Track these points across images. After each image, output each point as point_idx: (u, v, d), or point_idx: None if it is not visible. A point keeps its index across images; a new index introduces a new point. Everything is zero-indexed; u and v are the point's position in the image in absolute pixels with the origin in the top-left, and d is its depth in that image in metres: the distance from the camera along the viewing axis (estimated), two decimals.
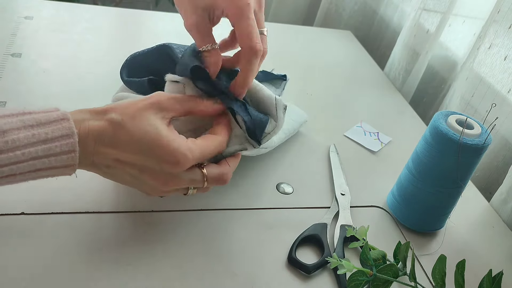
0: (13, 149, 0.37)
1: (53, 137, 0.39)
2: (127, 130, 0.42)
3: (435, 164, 0.54)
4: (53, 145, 0.39)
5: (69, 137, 0.40)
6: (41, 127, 0.39)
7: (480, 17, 0.79)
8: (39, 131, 0.39)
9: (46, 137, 0.39)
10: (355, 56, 1.01)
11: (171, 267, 0.48)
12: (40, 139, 0.38)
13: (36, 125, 0.39)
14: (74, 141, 0.40)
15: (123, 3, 1.68)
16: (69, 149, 0.40)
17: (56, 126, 0.39)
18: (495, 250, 0.60)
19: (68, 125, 0.40)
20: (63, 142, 0.39)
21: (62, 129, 0.39)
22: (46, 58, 0.74)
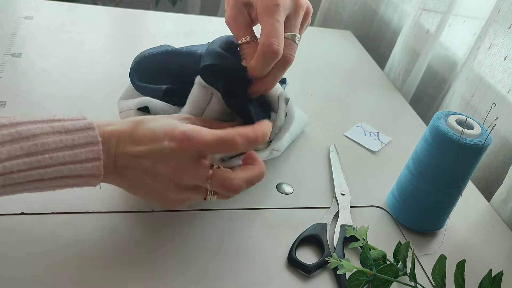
0: (42, 152, 0.39)
1: (79, 143, 0.41)
2: (146, 124, 0.44)
3: (435, 164, 0.54)
4: (79, 151, 0.40)
5: (94, 144, 0.41)
6: (69, 133, 0.41)
7: (480, 17, 0.79)
8: (67, 137, 0.40)
9: (72, 143, 0.40)
10: (355, 56, 1.01)
11: (171, 267, 0.48)
12: (67, 145, 0.40)
13: (64, 131, 0.40)
14: (98, 148, 0.41)
15: (123, 3, 1.68)
16: (93, 157, 0.41)
17: (82, 134, 0.41)
18: (495, 250, 0.60)
19: (93, 133, 0.41)
20: (88, 149, 0.41)
21: (88, 137, 0.41)
22: (46, 58, 0.74)
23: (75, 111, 0.65)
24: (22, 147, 0.38)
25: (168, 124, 0.43)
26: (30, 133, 0.39)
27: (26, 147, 0.38)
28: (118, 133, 0.43)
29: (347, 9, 1.19)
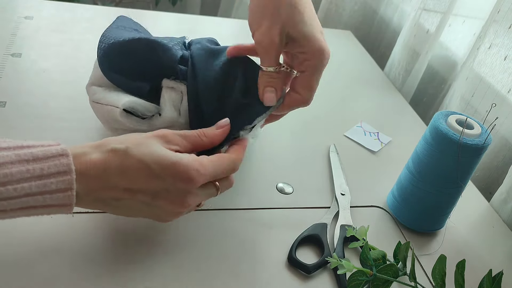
0: (5, 183, 0.35)
1: (49, 173, 0.37)
2: (134, 156, 0.41)
3: (435, 164, 0.54)
4: (48, 181, 0.37)
5: (66, 174, 0.38)
6: (37, 162, 0.37)
7: (480, 17, 0.79)
8: (35, 166, 0.37)
9: (41, 172, 0.37)
10: (355, 56, 1.01)
11: (171, 267, 0.48)
12: (35, 175, 0.37)
13: (32, 159, 0.37)
14: (71, 178, 0.38)
15: (123, 3, 1.68)
16: (65, 187, 0.38)
17: (53, 162, 0.37)
18: (495, 250, 0.60)
19: (66, 161, 0.38)
20: (60, 179, 0.37)
21: (60, 165, 0.38)
22: (46, 58, 0.74)
23: (75, 111, 0.65)
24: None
25: (162, 156, 0.41)
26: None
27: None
28: (102, 165, 0.40)
29: (347, 9, 1.19)
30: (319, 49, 0.50)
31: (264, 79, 0.51)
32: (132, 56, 0.54)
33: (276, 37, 0.48)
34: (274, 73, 0.50)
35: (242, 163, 0.63)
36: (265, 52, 0.50)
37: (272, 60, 0.50)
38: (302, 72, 0.51)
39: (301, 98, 0.52)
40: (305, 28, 0.49)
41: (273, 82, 0.51)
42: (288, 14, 0.48)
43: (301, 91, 0.52)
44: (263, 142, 0.68)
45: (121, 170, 0.40)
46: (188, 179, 0.42)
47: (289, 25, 0.49)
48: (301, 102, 0.53)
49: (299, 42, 0.49)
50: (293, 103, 0.53)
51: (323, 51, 0.50)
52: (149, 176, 0.41)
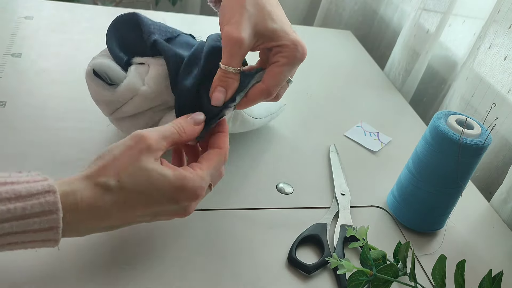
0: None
1: (32, 213, 0.35)
2: (130, 189, 0.39)
3: (435, 164, 0.54)
4: (31, 220, 0.35)
5: (51, 213, 0.35)
6: (20, 200, 0.34)
7: (480, 17, 0.79)
8: (17, 205, 0.34)
9: (23, 212, 0.34)
10: (355, 56, 1.01)
11: (171, 267, 0.48)
12: (16, 215, 0.34)
13: (15, 198, 0.34)
14: (57, 217, 0.35)
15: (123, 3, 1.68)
16: (50, 226, 0.36)
17: (38, 200, 0.35)
18: (495, 250, 0.60)
19: (52, 199, 0.35)
20: (44, 218, 0.35)
21: (45, 204, 0.35)
22: (46, 58, 0.74)
23: (75, 111, 0.65)
24: None
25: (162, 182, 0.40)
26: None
27: None
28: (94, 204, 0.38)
29: (347, 9, 1.19)
30: (293, 41, 0.48)
31: (218, 76, 0.48)
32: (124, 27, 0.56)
33: (243, 32, 0.46)
34: (230, 73, 0.47)
35: (242, 162, 0.63)
36: (228, 48, 0.47)
37: (233, 59, 0.47)
38: (273, 63, 0.49)
39: (264, 88, 0.48)
40: (275, 25, 0.48)
41: (226, 82, 0.48)
42: (256, 13, 0.47)
43: (266, 80, 0.49)
44: (263, 142, 0.68)
45: (117, 204, 0.39)
46: (195, 197, 0.42)
47: (259, 23, 0.47)
48: (263, 92, 0.49)
49: (271, 37, 0.48)
50: (255, 92, 0.49)
51: (298, 43, 0.49)
52: (149, 203, 0.40)
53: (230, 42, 0.47)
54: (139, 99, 0.53)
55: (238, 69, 0.48)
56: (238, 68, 0.48)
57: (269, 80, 0.49)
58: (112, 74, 0.52)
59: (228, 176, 0.59)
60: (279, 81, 0.49)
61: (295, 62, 0.49)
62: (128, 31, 0.56)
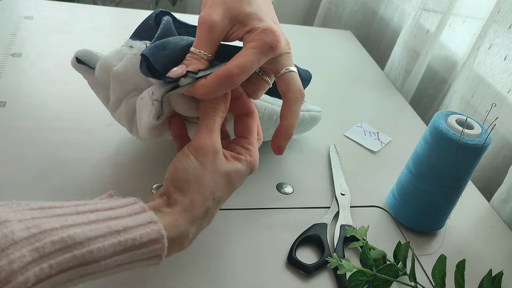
0: (98, 259, 0.34)
1: (141, 242, 0.36)
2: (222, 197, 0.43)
3: (435, 164, 0.54)
4: (139, 251, 0.36)
5: (158, 241, 0.36)
6: (128, 232, 0.35)
7: (480, 17, 0.79)
8: (127, 237, 0.35)
9: (133, 243, 0.35)
10: (355, 56, 1.01)
11: (171, 267, 0.48)
12: (127, 247, 0.35)
13: (123, 230, 0.35)
14: (163, 246, 0.37)
15: (123, 3, 1.68)
16: (155, 254, 0.37)
17: (145, 230, 0.36)
18: (495, 250, 0.60)
19: (157, 227, 0.37)
20: (151, 247, 0.36)
21: (151, 233, 0.36)
22: (46, 58, 0.74)
23: (75, 112, 0.65)
24: (75, 256, 0.32)
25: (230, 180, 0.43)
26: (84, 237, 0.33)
27: (80, 255, 0.33)
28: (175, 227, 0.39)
29: (347, 9, 1.19)
30: (263, 26, 0.45)
31: (186, 59, 0.46)
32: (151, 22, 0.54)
33: (215, 16, 0.45)
34: (197, 55, 0.45)
35: None
36: (200, 32, 0.46)
37: (202, 42, 0.45)
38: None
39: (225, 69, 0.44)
40: (249, 9, 0.46)
41: (189, 60, 0.45)
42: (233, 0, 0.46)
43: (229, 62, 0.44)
44: (263, 142, 0.68)
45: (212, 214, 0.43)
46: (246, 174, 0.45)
47: (234, 9, 0.46)
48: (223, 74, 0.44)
49: (244, 22, 0.46)
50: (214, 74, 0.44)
51: (269, 28, 0.45)
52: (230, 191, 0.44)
53: (202, 25, 0.45)
54: (112, 81, 0.50)
55: (207, 54, 0.46)
56: (207, 53, 0.46)
57: (232, 61, 0.44)
58: (93, 58, 0.52)
59: None
60: (243, 64, 0.44)
61: (264, 47, 0.45)
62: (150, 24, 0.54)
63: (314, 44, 1.02)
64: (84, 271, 0.34)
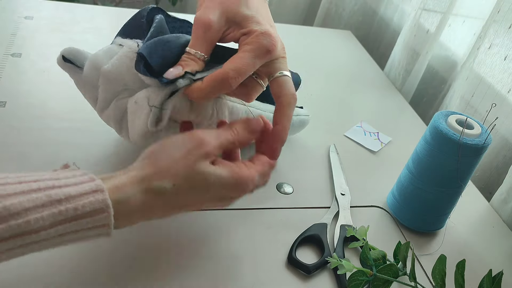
0: (37, 230, 0.33)
1: (83, 212, 0.35)
2: (186, 193, 0.40)
3: (435, 164, 0.54)
4: (83, 220, 0.35)
5: (102, 211, 0.35)
6: (70, 201, 0.34)
7: (480, 17, 0.79)
8: (68, 206, 0.34)
9: (75, 213, 0.34)
10: (355, 56, 1.01)
11: (171, 267, 0.48)
12: (68, 216, 0.34)
13: (65, 199, 0.34)
14: (108, 215, 0.36)
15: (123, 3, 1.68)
16: (102, 224, 0.36)
17: (88, 200, 0.35)
18: (495, 250, 0.60)
19: (101, 197, 0.35)
20: (96, 217, 0.35)
21: (95, 203, 0.35)
22: (46, 58, 0.74)
23: (75, 111, 0.65)
24: (11, 226, 0.32)
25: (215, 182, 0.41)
26: (21, 207, 0.32)
27: (16, 226, 0.32)
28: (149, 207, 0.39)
29: (347, 9, 1.19)
30: (260, 29, 0.45)
31: (182, 59, 0.46)
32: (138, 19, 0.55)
33: (211, 16, 0.45)
34: (193, 55, 0.45)
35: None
36: (196, 32, 0.45)
37: (198, 42, 0.45)
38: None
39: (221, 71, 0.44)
40: (247, 11, 0.46)
41: (186, 61, 0.45)
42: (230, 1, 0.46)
43: (225, 64, 0.44)
44: None
45: (170, 206, 0.40)
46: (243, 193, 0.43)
47: (231, 8, 0.46)
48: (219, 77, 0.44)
49: (241, 24, 0.46)
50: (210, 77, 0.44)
51: (266, 32, 0.45)
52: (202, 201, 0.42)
53: (198, 25, 0.45)
54: (102, 80, 0.49)
55: (203, 54, 0.46)
56: (202, 53, 0.45)
57: (228, 63, 0.44)
58: (80, 56, 0.51)
59: None
60: (240, 66, 0.44)
61: (261, 50, 0.45)
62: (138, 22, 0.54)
63: (314, 44, 1.02)
64: (22, 241, 0.33)
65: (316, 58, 0.96)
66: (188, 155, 0.40)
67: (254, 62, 0.45)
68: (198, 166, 0.40)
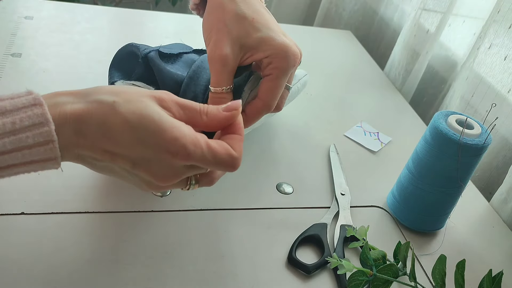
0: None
1: (22, 126, 0.33)
2: (120, 114, 0.35)
3: (435, 164, 0.54)
4: (23, 135, 0.33)
5: (42, 125, 0.33)
6: (7, 115, 0.33)
7: (480, 17, 0.79)
8: (4, 120, 0.32)
9: (13, 127, 0.32)
10: (355, 56, 1.01)
11: (171, 267, 0.48)
12: (6, 131, 0.32)
13: (0, 113, 0.33)
14: (49, 129, 0.33)
15: (123, 3, 1.68)
16: (44, 140, 0.33)
17: (26, 114, 0.33)
18: (495, 250, 0.60)
19: (40, 111, 0.33)
20: (36, 131, 0.33)
21: (33, 117, 0.33)
22: (46, 58, 0.74)
23: None
24: None
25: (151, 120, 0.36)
26: None
27: None
28: (80, 117, 0.35)
29: (347, 9, 1.19)
30: (281, 48, 0.46)
31: (210, 98, 0.47)
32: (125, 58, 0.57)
33: (225, 49, 0.45)
34: (221, 93, 0.46)
35: (243, 162, 0.63)
36: (214, 68, 0.46)
37: (220, 78, 0.46)
38: (267, 76, 0.47)
39: (262, 104, 0.47)
40: (260, 34, 0.46)
41: (219, 102, 0.46)
42: (237, 26, 0.46)
43: (263, 96, 0.47)
44: (263, 142, 0.68)
45: (101, 128, 0.35)
46: (173, 152, 0.36)
47: (241, 36, 0.46)
48: (262, 109, 0.47)
49: (258, 48, 0.46)
50: (253, 110, 0.47)
51: (287, 48, 0.46)
52: (132, 141, 0.36)
53: (214, 62, 0.45)
54: None
55: (229, 87, 0.46)
56: (228, 86, 0.46)
57: (266, 95, 0.47)
58: None
59: (228, 176, 0.59)
60: (276, 94, 0.48)
61: (288, 70, 0.47)
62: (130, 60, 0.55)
63: (314, 44, 1.02)
64: None
65: (316, 58, 0.96)
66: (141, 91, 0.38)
67: (285, 81, 0.48)
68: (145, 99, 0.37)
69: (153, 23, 0.95)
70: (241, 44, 0.46)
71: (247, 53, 0.47)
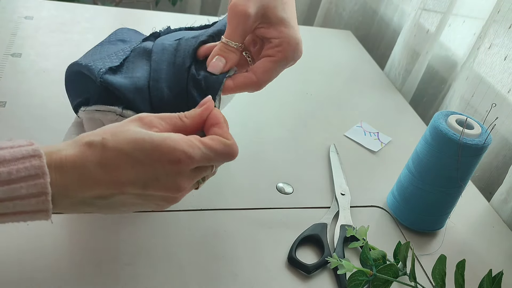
0: None
1: (18, 177, 0.33)
2: (113, 147, 0.37)
3: (435, 164, 0.54)
4: (17, 185, 0.33)
5: (38, 177, 0.34)
6: (4, 165, 0.33)
7: (480, 17, 0.79)
8: (1, 170, 0.33)
9: (8, 177, 0.33)
10: (355, 56, 1.01)
11: (171, 267, 0.48)
12: (1, 180, 0.33)
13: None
14: (44, 181, 0.34)
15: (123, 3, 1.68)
16: (38, 191, 0.34)
17: (23, 165, 0.33)
18: (495, 250, 0.60)
19: (38, 163, 0.34)
20: (31, 183, 0.33)
21: (30, 168, 0.33)
22: (46, 58, 0.74)
23: None
24: None
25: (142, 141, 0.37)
26: None
27: None
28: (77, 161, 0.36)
29: (347, 9, 1.19)
30: (295, 39, 0.47)
31: (219, 47, 0.46)
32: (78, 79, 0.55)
33: (251, 9, 0.45)
34: (232, 46, 0.46)
35: (242, 162, 0.63)
36: (233, 22, 0.45)
37: (236, 33, 0.46)
38: (269, 56, 0.47)
39: (255, 81, 0.47)
40: (284, 14, 0.47)
41: (226, 53, 0.46)
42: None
43: (259, 74, 0.47)
44: (263, 142, 0.68)
45: (101, 163, 0.36)
46: (175, 161, 0.37)
47: (269, 7, 0.46)
48: (253, 85, 0.47)
49: (275, 26, 0.47)
50: (244, 81, 0.47)
51: (299, 42, 0.48)
52: (133, 165, 0.37)
53: (235, 14, 0.45)
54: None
55: (240, 45, 0.46)
56: (240, 44, 0.46)
57: (262, 75, 0.47)
58: None
59: (228, 176, 0.59)
60: (272, 76, 0.48)
61: (290, 60, 0.48)
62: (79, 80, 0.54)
63: (314, 44, 1.02)
64: None
65: (316, 58, 0.96)
66: (120, 122, 0.39)
67: (280, 70, 0.48)
68: (128, 125, 0.38)
69: (153, 23, 0.95)
70: (264, 14, 0.46)
71: (263, 24, 0.47)
